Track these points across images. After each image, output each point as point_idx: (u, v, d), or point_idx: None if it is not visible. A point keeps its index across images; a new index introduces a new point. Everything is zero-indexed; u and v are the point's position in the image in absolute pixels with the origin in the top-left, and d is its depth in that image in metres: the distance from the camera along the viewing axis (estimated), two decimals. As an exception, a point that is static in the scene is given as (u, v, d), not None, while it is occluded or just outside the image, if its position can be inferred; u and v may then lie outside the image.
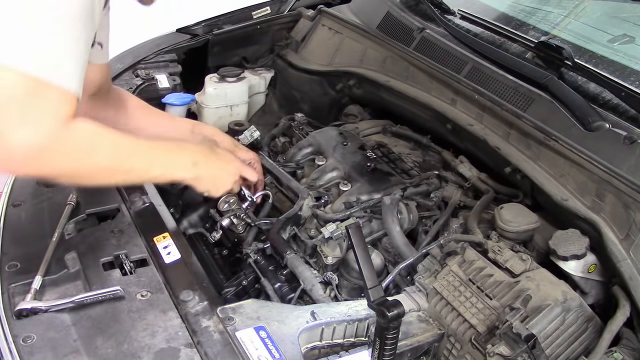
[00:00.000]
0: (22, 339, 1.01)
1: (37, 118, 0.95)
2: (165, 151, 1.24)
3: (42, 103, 0.95)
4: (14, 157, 0.95)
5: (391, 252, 1.49)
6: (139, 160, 1.17)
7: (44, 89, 0.94)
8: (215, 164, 1.37)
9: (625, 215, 1.24)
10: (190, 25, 2.15)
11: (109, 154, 1.09)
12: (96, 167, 1.08)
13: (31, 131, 0.94)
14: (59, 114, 0.97)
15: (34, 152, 0.95)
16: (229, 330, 1.05)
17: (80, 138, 1.03)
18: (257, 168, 1.60)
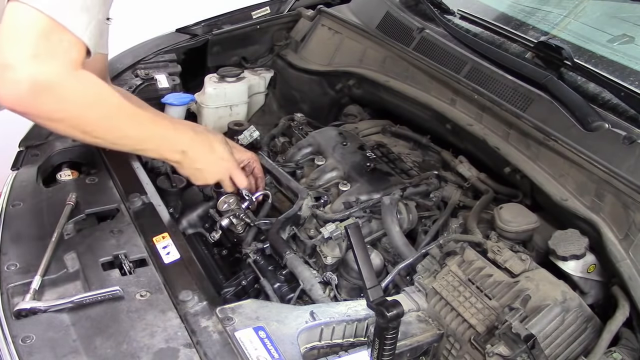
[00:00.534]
0: (22, 339, 1.01)
1: (49, 56, 1.00)
2: (162, 129, 1.28)
3: (55, 43, 1.01)
4: (19, 91, 0.99)
5: (390, 252, 1.49)
6: (135, 128, 1.21)
7: (58, 31, 1.00)
8: (205, 157, 1.39)
9: (624, 216, 1.24)
10: (189, 25, 2.15)
11: (109, 111, 1.14)
12: (94, 121, 1.13)
13: (41, 67, 0.99)
14: (69, 57, 1.03)
15: (40, 88, 1.00)
16: (228, 330, 1.05)
17: (86, 86, 1.08)
18: (257, 167, 1.60)
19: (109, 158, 1.56)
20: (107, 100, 1.15)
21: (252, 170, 1.60)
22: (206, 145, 1.40)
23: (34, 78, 1.00)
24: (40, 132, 1.62)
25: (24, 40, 0.99)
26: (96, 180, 1.48)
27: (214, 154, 1.42)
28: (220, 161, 1.44)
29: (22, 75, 0.99)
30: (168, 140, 1.30)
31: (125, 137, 1.21)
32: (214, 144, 1.42)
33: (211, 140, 1.42)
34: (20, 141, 1.59)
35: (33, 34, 0.99)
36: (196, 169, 1.40)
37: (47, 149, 1.57)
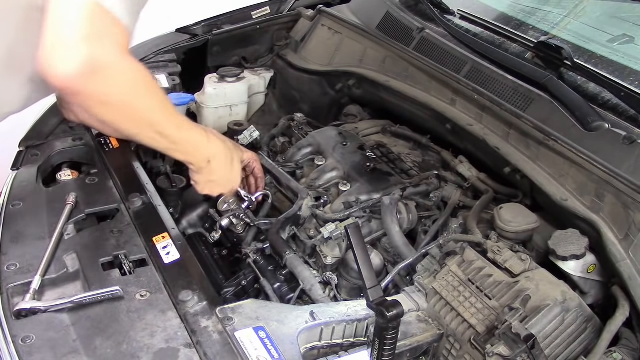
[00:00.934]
0: (22, 339, 1.01)
1: (101, 38, 1.02)
2: (197, 135, 1.31)
3: (107, 26, 1.03)
4: (71, 71, 0.99)
5: (390, 252, 1.49)
6: (173, 128, 1.23)
7: (107, 16, 1.02)
8: (222, 172, 1.42)
9: (624, 216, 1.24)
10: (189, 25, 2.15)
11: (155, 103, 1.17)
12: (139, 111, 1.14)
13: (94, 48, 1.00)
14: (120, 41, 1.05)
15: (92, 69, 1.01)
16: (228, 330, 1.05)
17: (136, 73, 1.11)
18: (257, 168, 1.60)
19: (109, 158, 1.56)
20: (154, 92, 1.17)
21: (252, 171, 1.60)
22: (228, 161, 1.43)
23: (87, 58, 1.00)
24: (40, 132, 1.62)
25: (75, 21, 0.99)
26: (96, 180, 1.48)
27: (231, 171, 1.45)
28: (232, 178, 1.47)
29: (74, 54, 0.99)
30: (199, 149, 1.33)
31: (162, 135, 1.22)
32: (234, 161, 1.45)
33: (233, 157, 1.45)
34: (20, 141, 1.59)
35: (84, 16, 0.99)
36: (210, 180, 1.43)
37: (47, 149, 1.57)
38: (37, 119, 1.67)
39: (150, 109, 1.17)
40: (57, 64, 0.99)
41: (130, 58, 1.08)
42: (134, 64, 1.10)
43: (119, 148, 1.61)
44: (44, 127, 1.64)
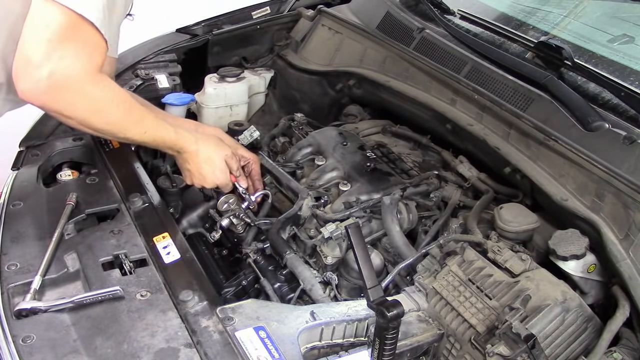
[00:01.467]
0: (22, 339, 1.02)
1: (73, 56, 1.04)
2: (165, 132, 1.38)
3: (80, 44, 1.05)
4: (40, 88, 1.03)
5: (391, 252, 1.49)
6: (136, 135, 1.31)
7: (84, 31, 1.04)
8: (195, 164, 1.47)
9: (624, 215, 1.24)
10: (190, 25, 2.15)
11: (115, 119, 1.23)
12: (103, 123, 1.21)
13: (63, 67, 1.03)
14: (92, 60, 1.08)
15: (59, 87, 1.04)
16: (229, 330, 1.05)
17: (103, 91, 1.14)
18: (255, 169, 1.60)
19: (109, 158, 1.56)
20: (118, 108, 1.22)
21: (249, 172, 1.60)
22: (202, 156, 1.47)
23: (56, 77, 1.03)
24: (40, 132, 1.63)
25: (49, 37, 1.01)
26: (96, 180, 1.48)
27: (206, 166, 1.48)
28: (210, 173, 1.49)
29: (44, 72, 1.02)
30: (166, 142, 1.40)
31: (128, 139, 1.33)
32: (212, 158, 1.49)
33: (210, 154, 1.48)
34: (21, 141, 1.59)
35: (59, 32, 1.01)
36: (187, 169, 1.49)
37: (47, 149, 1.57)
38: (37, 119, 1.67)
39: (114, 122, 1.24)
40: (24, 80, 1.03)
41: (98, 77, 1.11)
42: (101, 83, 1.14)
43: (119, 148, 1.61)
44: (44, 127, 1.64)
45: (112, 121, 1.23)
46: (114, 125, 1.25)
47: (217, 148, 1.50)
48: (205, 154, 1.47)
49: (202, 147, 1.46)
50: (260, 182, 1.63)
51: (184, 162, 1.47)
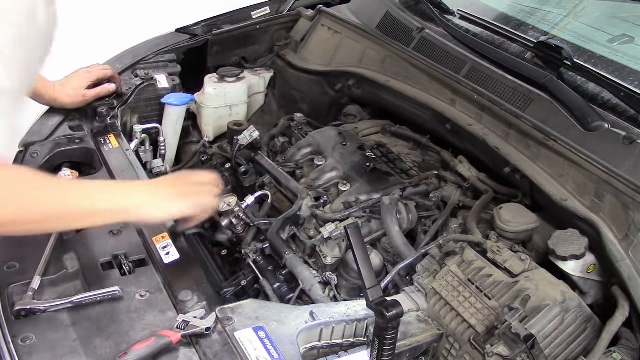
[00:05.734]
0: (21, 339, 1.01)
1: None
2: (99, 209, 1.09)
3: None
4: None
5: (390, 252, 1.49)
6: (60, 227, 1.12)
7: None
8: (147, 216, 1.16)
9: (624, 216, 1.24)
10: (189, 25, 2.15)
11: (32, 214, 1.01)
12: (10, 223, 0.98)
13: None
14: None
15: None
16: (228, 330, 1.05)
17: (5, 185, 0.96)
18: (217, 190, 1.34)
19: (109, 158, 1.56)
20: (32, 200, 1.01)
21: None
22: (150, 206, 1.16)
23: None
24: (40, 132, 1.62)
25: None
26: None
27: (162, 211, 1.18)
28: (168, 210, 1.19)
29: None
30: (106, 220, 1.16)
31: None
32: (165, 202, 1.18)
33: (156, 201, 1.17)
34: (20, 141, 1.59)
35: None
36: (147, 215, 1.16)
37: (47, 149, 1.57)
38: (37, 119, 1.67)
39: (32, 221, 1.02)
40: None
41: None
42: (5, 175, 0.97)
43: (119, 148, 1.61)
44: (44, 127, 1.64)
45: (28, 219, 1.00)
46: (32, 224, 1.01)
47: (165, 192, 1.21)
48: (151, 203, 1.17)
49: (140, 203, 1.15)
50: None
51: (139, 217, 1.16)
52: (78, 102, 1.69)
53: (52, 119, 1.67)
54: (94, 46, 2.40)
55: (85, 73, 1.72)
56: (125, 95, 1.83)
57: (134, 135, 1.76)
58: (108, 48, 2.04)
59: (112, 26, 3.02)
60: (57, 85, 1.66)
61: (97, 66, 1.79)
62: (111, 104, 1.75)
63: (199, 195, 1.24)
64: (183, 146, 2.01)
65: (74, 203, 1.06)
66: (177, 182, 1.25)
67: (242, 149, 1.77)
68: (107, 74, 1.76)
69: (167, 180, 1.33)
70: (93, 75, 1.72)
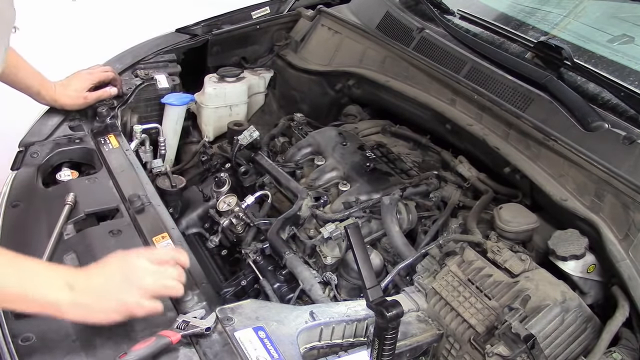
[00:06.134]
0: (21, 339, 1.01)
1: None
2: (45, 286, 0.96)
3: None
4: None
5: (390, 252, 1.49)
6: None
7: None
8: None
9: (624, 216, 1.24)
10: (189, 25, 2.15)
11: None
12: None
13: None
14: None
15: None
16: (228, 330, 1.05)
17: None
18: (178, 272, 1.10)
19: (109, 158, 1.56)
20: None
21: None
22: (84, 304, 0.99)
23: None
24: (40, 132, 1.62)
25: None
26: (96, 180, 1.48)
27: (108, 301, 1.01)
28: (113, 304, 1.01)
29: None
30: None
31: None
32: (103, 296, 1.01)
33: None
34: (21, 141, 1.59)
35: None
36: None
37: (47, 149, 1.57)
38: (37, 119, 1.67)
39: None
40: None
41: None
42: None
43: (119, 148, 1.61)
44: (44, 127, 1.64)
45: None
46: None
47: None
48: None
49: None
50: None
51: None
52: (79, 104, 1.69)
53: (52, 119, 1.67)
54: (94, 46, 2.40)
55: (87, 75, 1.72)
56: (125, 95, 1.83)
57: (134, 135, 1.76)
58: (108, 48, 2.04)
59: (112, 26, 3.02)
60: (58, 86, 1.66)
61: (99, 67, 1.78)
62: (111, 104, 1.75)
63: (147, 284, 1.02)
64: (183, 146, 2.01)
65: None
66: (121, 275, 1.02)
67: (242, 149, 1.77)
68: (108, 77, 1.76)
69: (107, 271, 1.04)
70: (95, 78, 1.72)
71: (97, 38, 2.87)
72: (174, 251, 1.09)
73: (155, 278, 1.03)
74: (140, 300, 1.00)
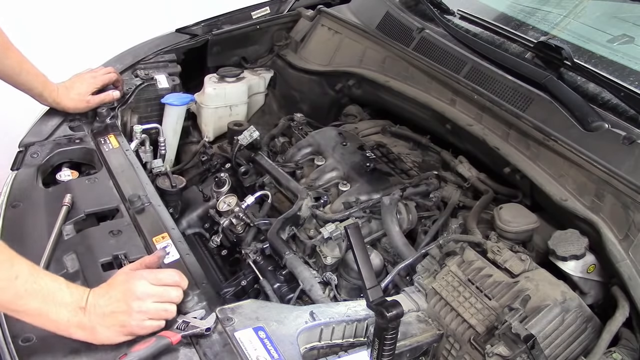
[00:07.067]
0: (21, 340, 1.01)
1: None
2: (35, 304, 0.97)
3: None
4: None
5: (390, 252, 1.49)
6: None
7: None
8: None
9: (624, 216, 1.24)
10: (189, 25, 2.15)
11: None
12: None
13: None
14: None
15: None
16: (228, 330, 1.05)
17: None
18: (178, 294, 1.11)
19: (109, 158, 1.56)
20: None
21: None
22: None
23: None
24: (40, 132, 1.62)
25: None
26: (96, 180, 1.48)
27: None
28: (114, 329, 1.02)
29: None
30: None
31: None
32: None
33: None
34: (21, 141, 1.59)
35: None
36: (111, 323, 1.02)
37: (47, 149, 1.57)
38: (37, 119, 1.67)
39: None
40: None
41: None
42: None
43: (119, 148, 1.61)
44: (44, 127, 1.65)
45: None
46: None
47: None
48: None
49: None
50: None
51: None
52: (81, 107, 1.69)
53: (52, 119, 1.67)
54: (94, 46, 2.40)
55: (90, 78, 1.71)
56: (126, 95, 1.83)
57: (134, 135, 1.76)
58: (108, 48, 2.03)
59: (112, 26, 3.02)
60: (61, 89, 1.66)
61: (102, 70, 1.78)
62: (111, 104, 1.75)
63: (149, 306, 1.03)
64: (183, 146, 2.01)
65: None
66: (125, 298, 1.02)
67: (242, 149, 1.77)
68: (111, 79, 1.75)
69: (112, 294, 1.03)
70: (98, 81, 1.71)
71: (97, 38, 2.86)
72: (176, 274, 1.11)
73: (157, 304, 1.05)
74: (142, 323, 1.02)
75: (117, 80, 1.77)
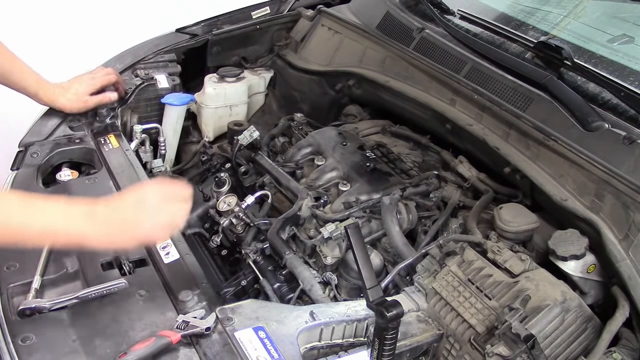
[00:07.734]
0: (21, 339, 1.01)
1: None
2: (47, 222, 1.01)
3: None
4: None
5: (390, 252, 1.49)
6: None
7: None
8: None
9: (624, 216, 1.24)
10: (189, 25, 2.15)
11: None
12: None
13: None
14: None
15: None
16: (228, 330, 1.05)
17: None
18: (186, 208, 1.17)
19: (109, 158, 1.56)
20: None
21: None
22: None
23: None
24: (40, 132, 1.62)
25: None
26: (96, 180, 1.48)
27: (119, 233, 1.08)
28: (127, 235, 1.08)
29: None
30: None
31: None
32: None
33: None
34: (21, 141, 1.59)
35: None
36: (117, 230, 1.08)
37: (47, 149, 1.57)
38: (37, 119, 1.67)
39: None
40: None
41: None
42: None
43: (119, 148, 1.61)
44: (44, 127, 1.64)
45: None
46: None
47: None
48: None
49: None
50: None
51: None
52: (78, 107, 1.68)
53: (52, 119, 1.67)
54: (94, 46, 2.40)
55: (89, 79, 1.70)
56: (126, 95, 1.82)
57: (134, 135, 1.77)
58: (108, 48, 2.03)
59: (112, 26, 3.02)
60: (58, 88, 1.65)
61: (102, 71, 1.77)
62: (110, 105, 1.75)
63: (160, 215, 1.09)
64: (183, 146, 2.01)
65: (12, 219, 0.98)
66: (137, 205, 1.08)
67: (242, 149, 1.77)
68: (111, 80, 1.74)
69: (124, 201, 1.10)
70: (97, 82, 1.70)
71: (97, 38, 2.86)
72: (183, 188, 1.16)
73: (167, 216, 1.10)
74: (154, 231, 1.09)
75: (117, 81, 1.77)
